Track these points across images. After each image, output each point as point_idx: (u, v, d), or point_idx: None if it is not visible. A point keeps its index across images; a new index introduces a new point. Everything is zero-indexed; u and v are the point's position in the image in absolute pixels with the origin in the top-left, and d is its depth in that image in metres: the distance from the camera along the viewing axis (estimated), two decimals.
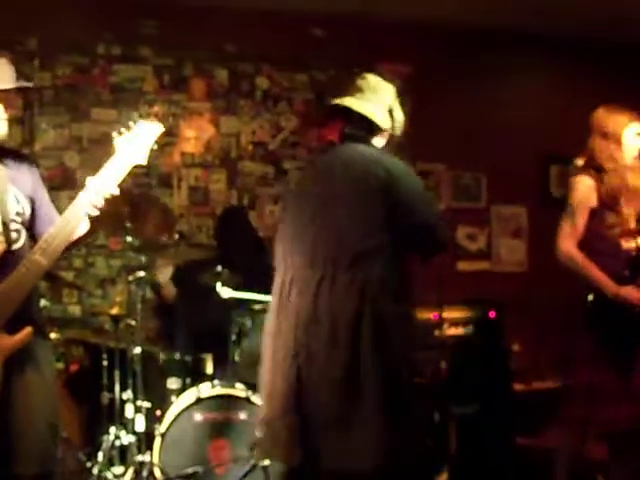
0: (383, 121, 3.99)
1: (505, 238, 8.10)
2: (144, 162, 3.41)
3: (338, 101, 3.96)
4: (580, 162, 4.53)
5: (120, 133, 3.38)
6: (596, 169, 4.61)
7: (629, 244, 4.62)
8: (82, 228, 3.46)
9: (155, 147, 3.45)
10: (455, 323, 6.43)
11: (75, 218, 3.29)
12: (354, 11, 7.21)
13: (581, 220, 4.54)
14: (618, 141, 4.66)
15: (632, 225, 4.61)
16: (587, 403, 4.53)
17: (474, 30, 7.62)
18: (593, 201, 4.56)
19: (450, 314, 6.34)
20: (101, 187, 3.31)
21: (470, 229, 7.97)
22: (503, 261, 8.08)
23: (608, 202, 4.58)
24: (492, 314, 6.60)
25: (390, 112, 4.04)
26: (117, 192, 3.34)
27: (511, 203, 8.05)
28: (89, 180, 3.35)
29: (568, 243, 4.57)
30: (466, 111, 7.77)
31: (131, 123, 3.40)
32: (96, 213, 3.35)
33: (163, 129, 3.48)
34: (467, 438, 5.93)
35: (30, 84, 3.55)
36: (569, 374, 4.79)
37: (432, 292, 6.26)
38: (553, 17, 7.38)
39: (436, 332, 6.15)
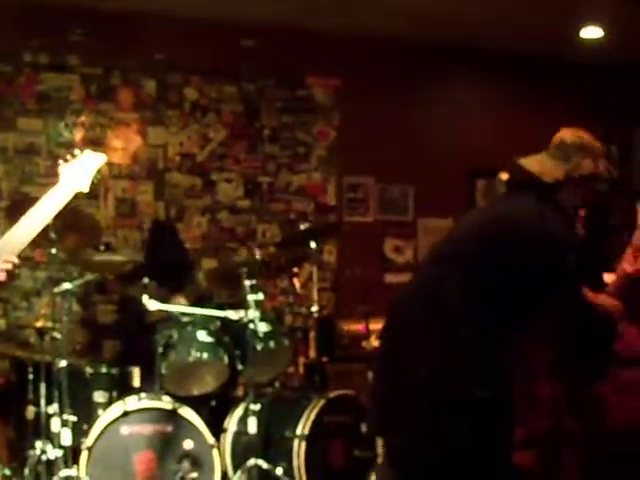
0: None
1: None
2: (86, 190, 3.44)
3: None
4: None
5: (66, 160, 3.40)
6: None
7: None
8: None
9: (98, 177, 3.49)
10: None
11: None
12: (284, 23, 7.24)
13: None
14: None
15: None
16: (554, 414, 4.60)
17: (404, 43, 7.70)
18: None
19: (378, 326, 6.35)
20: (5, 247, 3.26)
21: (397, 242, 8.02)
22: None
23: None
24: None
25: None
26: (14, 262, 3.28)
27: (438, 216, 8.11)
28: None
29: None
30: (394, 124, 7.83)
31: (77, 151, 3.43)
32: None
33: (106, 159, 3.52)
34: None
35: None
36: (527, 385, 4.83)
37: (359, 304, 6.30)
38: (484, 33, 7.48)
39: (363, 343, 6.17)
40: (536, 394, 4.69)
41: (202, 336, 5.52)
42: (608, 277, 4.73)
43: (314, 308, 5.84)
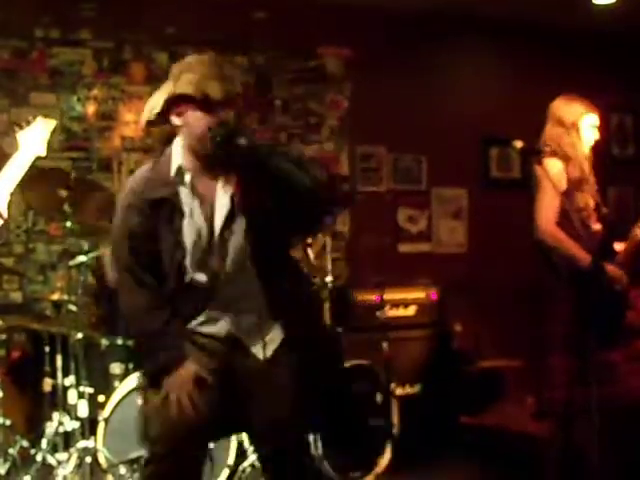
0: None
1: (445, 220, 8.16)
2: (44, 153, 3.57)
3: None
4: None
5: (21, 127, 3.49)
6: (559, 155, 4.67)
7: (596, 226, 4.70)
8: None
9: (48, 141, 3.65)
10: (397, 304, 6.49)
11: None
12: None
13: (557, 202, 4.56)
14: (577, 130, 4.74)
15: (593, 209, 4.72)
16: (567, 385, 4.61)
17: (415, 13, 7.66)
18: (564, 184, 4.62)
19: (392, 295, 6.39)
20: None
21: (411, 211, 8.02)
22: (443, 243, 8.15)
23: (574, 186, 4.65)
24: (434, 295, 6.66)
25: None
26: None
27: (451, 185, 8.12)
28: None
29: (551, 224, 4.60)
30: (407, 93, 7.81)
31: (30, 118, 3.54)
32: None
33: (55, 123, 3.74)
34: (411, 418, 5.98)
35: None
36: (541, 356, 4.84)
37: (373, 274, 6.31)
38: (493, 0, 7.45)
39: (378, 313, 6.19)
40: (549, 365, 4.71)
41: None
42: (618, 246, 4.75)
43: (328, 278, 5.85)
